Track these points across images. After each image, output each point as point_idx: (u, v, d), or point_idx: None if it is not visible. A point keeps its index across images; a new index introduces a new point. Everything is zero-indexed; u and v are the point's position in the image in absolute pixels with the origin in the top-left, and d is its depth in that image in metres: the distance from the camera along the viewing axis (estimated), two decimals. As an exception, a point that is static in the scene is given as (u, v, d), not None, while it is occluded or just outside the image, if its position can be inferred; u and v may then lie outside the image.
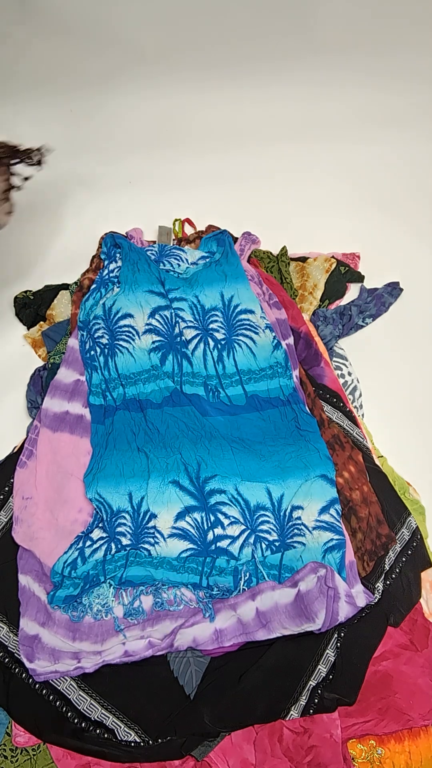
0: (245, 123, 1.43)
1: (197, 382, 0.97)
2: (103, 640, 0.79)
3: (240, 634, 0.78)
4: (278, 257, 1.19)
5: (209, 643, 0.77)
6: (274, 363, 0.97)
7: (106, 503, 0.88)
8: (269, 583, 0.80)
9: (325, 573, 0.77)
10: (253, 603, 0.79)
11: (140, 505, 0.88)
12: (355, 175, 1.37)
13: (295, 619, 0.77)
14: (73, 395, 0.99)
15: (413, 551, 0.87)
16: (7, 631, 0.80)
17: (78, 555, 0.84)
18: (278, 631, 0.77)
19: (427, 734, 0.77)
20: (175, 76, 1.44)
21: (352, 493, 0.88)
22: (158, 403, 0.95)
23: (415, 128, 1.41)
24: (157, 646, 0.76)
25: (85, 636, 0.80)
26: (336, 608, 0.76)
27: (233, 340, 0.98)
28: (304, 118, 1.43)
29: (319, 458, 0.89)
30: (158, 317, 1.01)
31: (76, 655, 0.78)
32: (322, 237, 1.25)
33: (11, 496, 0.91)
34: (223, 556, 0.83)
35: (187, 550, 0.84)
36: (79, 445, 0.94)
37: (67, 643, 0.79)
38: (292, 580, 0.80)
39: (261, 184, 1.36)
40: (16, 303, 1.18)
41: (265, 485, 0.88)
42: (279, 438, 0.92)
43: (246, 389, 0.96)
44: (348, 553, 0.83)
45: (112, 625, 0.80)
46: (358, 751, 0.76)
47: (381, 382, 1.07)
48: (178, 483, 0.88)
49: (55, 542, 0.86)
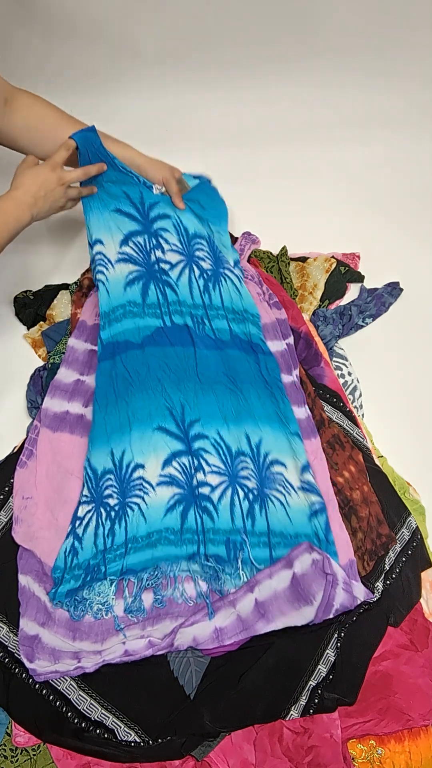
0: (245, 123, 1.43)
1: (185, 312, 0.91)
2: (103, 639, 0.79)
3: (240, 630, 0.77)
4: (278, 257, 1.20)
5: (210, 642, 0.77)
6: (255, 312, 0.95)
7: (91, 468, 0.86)
8: (265, 572, 0.80)
9: (320, 558, 0.77)
10: (252, 595, 0.79)
11: (122, 459, 0.86)
12: (355, 176, 1.37)
13: (293, 602, 0.77)
14: (74, 395, 0.98)
15: (413, 551, 0.87)
16: (7, 631, 0.80)
17: (73, 538, 0.83)
18: (277, 619, 0.77)
19: (427, 734, 0.77)
20: (176, 77, 1.44)
21: (353, 492, 0.88)
22: (138, 343, 0.90)
23: (415, 129, 1.41)
24: (157, 645, 0.76)
25: (85, 635, 0.80)
26: (333, 594, 0.75)
27: (220, 273, 0.92)
28: (304, 118, 1.43)
29: (292, 414, 0.89)
30: (132, 244, 0.94)
31: (76, 654, 0.78)
32: (322, 237, 1.25)
33: (11, 496, 0.91)
34: (205, 502, 0.84)
35: (174, 495, 0.84)
36: (80, 444, 0.94)
37: (67, 642, 0.79)
38: (288, 560, 0.80)
39: (261, 184, 1.36)
40: (16, 303, 1.18)
41: (245, 429, 0.87)
42: (258, 382, 0.91)
43: (231, 326, 0.92)
44: (347, 551, 0.83)
45: (112, 624, 0.80)
46: (358, 751, 0.76)
47: (381, 382, 1.07)
48: (165, 428, 0.87)
49: (56, 542, 0.86)
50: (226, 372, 0.90)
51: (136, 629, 0.79)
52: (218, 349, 0.92)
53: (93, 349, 1.01)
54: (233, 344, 0.92)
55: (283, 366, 0.98)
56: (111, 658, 0.75)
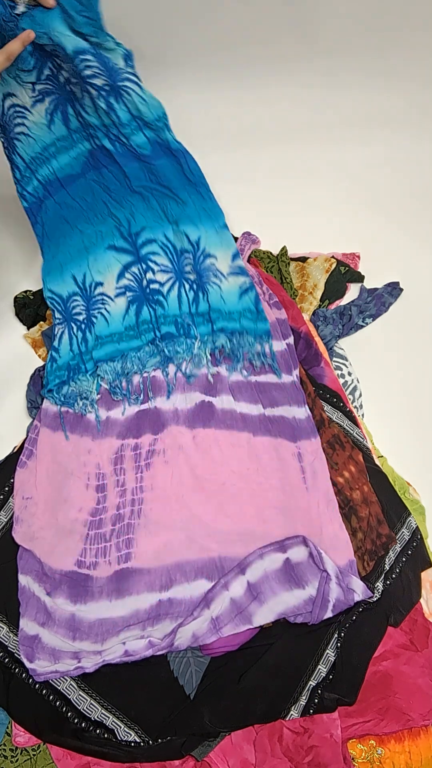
0: (245, 123, 1.43)
1: (100, 135, 0.92)
2: (103, 639, 0.79)
3: (235, 615, 0.77)
4: (278, 257, 1.20)
5: (208, 634, 0.76)
6: (161, 113, 0.94)
7: (56, 296, 1.00)
8: (256, 553, 0.80)
9: (316, 554, 0.78)
10: (243, 577, 0.79)
11: (84, 281, 1.00)
12: (355, 176, 1.37)
13: (284, 584, 0.78)
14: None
15: (413, 551, 0.87)
16: (7, 631, 0.80)
17: (52, 351, 0.99)
18: (269, 600, 0.77)
19: (427, 734, 0.77)
20: (176, 77, 1.43)
21: (353, 492, 0.88)
22: (79, 172, 0.96)
23: (415, 129, 1.41)
24: (157, 645, 0.76)
25: (85, 635, 0.80)
26: (327, 589, 0.76)
27: (118, 87, 0.89)
28: (304, 118, 1.43)
29: (218, 208, 0.97)
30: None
31: (76, 654, 0.78)
32: (322, 237, 1.25)
33: (11, 496, 0.91)
34: (156, 296, 0.98)
35: (129, 299, 0.99)
36: (80, 443, 0.94)
37: (67, 642, 0.79)
38: (281, 545, 0.80)
39: (261, 184, 1.36)
40: (16, 303, 1.18)
41: (184, 229, 0.97)
42: (186, 183, 0.96)
43: (147, 135, 0.92)
44: (347, 552, 0.83)
45: (112, 624, 0.80)
46: (358, 751, 0.76)
47: (381, 382, 1.07)
48: (114, 246, 0.99)
49: (55, 542, 0.86)
50: (158, 180, 0.95)
51: (136, 629, 0.79)
52: (143, 161, 0.94)
53: None
54: (155, 154, 0.94)
55: (283, 366, 0.99)
56: (111, 658, 0.75)
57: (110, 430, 0.95)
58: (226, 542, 0.84)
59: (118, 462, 0.92)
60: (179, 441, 0.92)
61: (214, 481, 0.89)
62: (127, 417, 0.96)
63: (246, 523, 0.86)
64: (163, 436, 0.93)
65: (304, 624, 0.79)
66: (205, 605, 0.78)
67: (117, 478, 0.91)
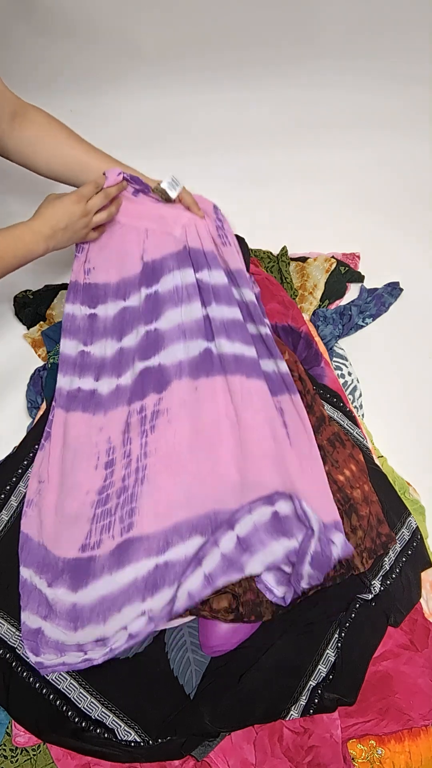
0: (245, 123, 1.44)
1: None
2: (105, 619, 0.77)
3: (226, 568, 0.76)
4: (278, 257, 1.20)
5: (202, 589, 0.75)
6: None
7: None
8: (245, 508, 0.79)
9: (298, 508, 0.77)
10: (233, 532, 0.78)
11: None
12: (355, 176, 1.37)
13: (272, 534, 0.77)
14: (83, 369, 0.96)
15: (413, 551, 0.87)
16: (8, 628, 0.80)
17: None
18: (258, 552, 0.77)
19: (427, 734, 0.77)
20: (176, 77, 1.44)
21: (353, 491, 0.88)
22: None
23: (415, 129, 1.41)
24: (156, 617, 0.75)
25: (86, 621, 0.78)
26: (307, 545, 0.75)
27: None
28: (304, 118, 1.43)
29: None
30: None
31: (81, 647, 0.77)
32: (322, 237, 1.26)
33: (11, 496, 0.91)
34: None
35: None
36: (92, 423, 0.91)
37: (70, 635, 0.78)
38: (269, 499, 0.79)
39: (261, 184, 1.36)
40: (16, 303, 1.18)
41: None
42: None
43: None
44: (333, 513, 0.82)
45: (112, 600, 0.78)
46: (358, 751, 0.76)
47: (381, 382, 1.08)
48: None
49: (61, 530, 0.84)
50: None
51: (136, 602, 0.77)
52: None
53: (93, 314, 0.99)
54: None
55: (248, 319, 0.96)
56: (118, 647, 0.74)
57: (120, 399, 0.93)
58: (220, 495, 0.82)
59: (126, 431, 0.90)
60: (182, 396, 0.89)
61: (212, 434, 0.86)
62: (134, 379, 0.92)
63: (239, 474, 0.83)
64: (167, 394, 0.90)
65: (304, 624, 0.80)
66: (197, 564, 0.77)
67: (124, 449, 0.88)
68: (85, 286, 1.01)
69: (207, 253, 0.98)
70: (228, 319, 0.93)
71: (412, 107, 1.41)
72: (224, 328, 0.92)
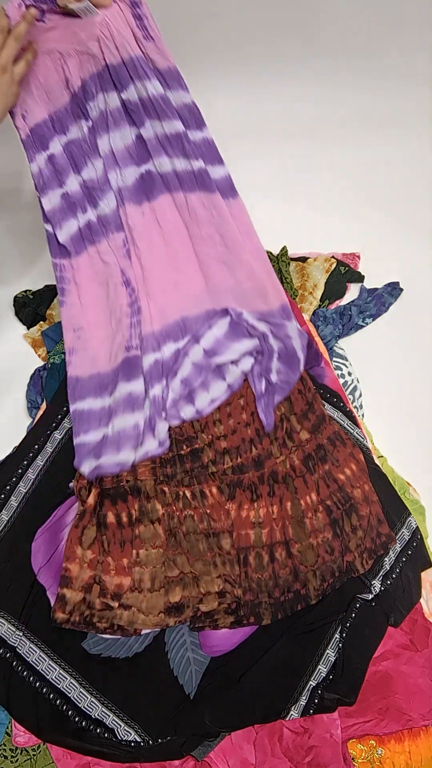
0: (245, 122, 1.43)
1: None
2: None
3: (200, 372, 0.93)
4: (278, 257, 1.20)
5: (186, 387, 0.92)
6: None
7: None
8: (205, 325, 0.96)
9: (244, 323, 0.95)
10: (198, 345, 0.94)
11: None
12: (355, 175, 1.37)
13: (233, 338, 0.94)
14: (69, 211, 0.96)
15: (413, 551, 0.87)
16: (8, 627, 0.80)
17: None
18: (226, 352, 0.94)
19: (427, 734, 0.77)
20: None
21: (354, 490, 0.88)
22: None
23: (415, 128, 1.41)
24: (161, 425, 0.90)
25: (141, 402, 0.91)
26: (269, 347, 0.95)
27: None
28: (304, 118, 1.43)
29: None
30: None
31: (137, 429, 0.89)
32: (322, 237, 1.25)
33: (11, 496, 0.91)
34: None
35: None
36: (100, 248, 0.95)
37: (128, 416, 0.90)
38: (223, 312, 0.96)
39: (261, 184, 1.36)
40: (16, 303, 1.18)
41: None
42: None
43: None
44: (280, 296, 0.97)
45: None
46: (358, 751, 0.76)
47: (381, 382, 1.08)
48: None
49: (111, 344, 0.94)
50: None
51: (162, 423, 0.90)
52: None
53: (50, 155, 0.94)
54: None
55: (189, 125, 0.96)
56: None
57: (106, 227, 0.96)
58: (184, 304, 0.96)
59: (125, 256, 0.96)
60: (134, 222, 0.95)
61: (172, 251, 0.96)
62: (107, 213, 0.96)
63: (200, 282, 0.97)
64: (124, 222, 0.96)
65: (304, 624, 0.80)
66: (173, 375, 0.92)
67: (126, 274, 0.96)
68: (32, 132, 0.95)
69: (128, 63, 0.89)
70: (165, 134, 0.93)
71: (412, 107, 1.41)
72: (161, 145, 0.93)
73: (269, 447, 0.91)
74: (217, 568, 0.83)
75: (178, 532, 0.85)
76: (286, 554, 0.84)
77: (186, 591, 0.82)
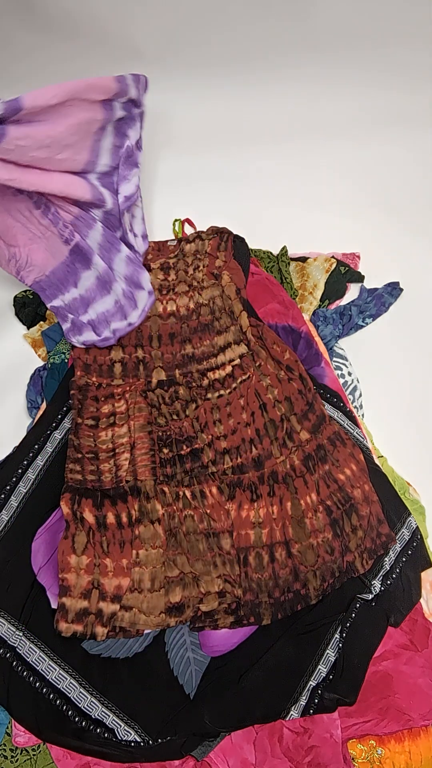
0: (245, 122, 1.43)
1: None
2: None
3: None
4: (278, 257, 1.20)
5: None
6: None
7: None
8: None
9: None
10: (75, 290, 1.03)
11: None
12: (355, 175, 1.37)
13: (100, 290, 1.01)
14: None
15: (413, 551, 0.87)
16: (8, 628, 0.80)
17: None
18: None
19: (427, 734, 0.77)
20: (175, 75, 1.43)
21: (354, 490, 0.88)
22: None
23: (416, 127, 1.41)
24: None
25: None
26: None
27: None
28: (304, 116, 1.43)
29: None
30: None
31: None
32: (322, 237, 1.25)
33: (11, 496, 0.91)
34: None
35: None
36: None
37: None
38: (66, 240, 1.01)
39: (261, 184, 1.36)
40: (16, 303, 1.18)
41: None
42: None
43: None
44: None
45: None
46: (358, 751, 0.76)
47: (381, 382, 1.07)
48: None
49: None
50: None
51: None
52: None
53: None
54: None
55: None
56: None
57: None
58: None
59: None
60: None
61: None
62: None
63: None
64: None
65: (304, 624, 0.80)
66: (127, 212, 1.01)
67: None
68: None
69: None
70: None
71: (412, 107, 1.41)
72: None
73: (269, 447, 0.91)
74: (217, 568, 0.83)
75: (178, 533, 0.85)
76: (286, 554, 0.84)
77: (186, 591, 0.82)
